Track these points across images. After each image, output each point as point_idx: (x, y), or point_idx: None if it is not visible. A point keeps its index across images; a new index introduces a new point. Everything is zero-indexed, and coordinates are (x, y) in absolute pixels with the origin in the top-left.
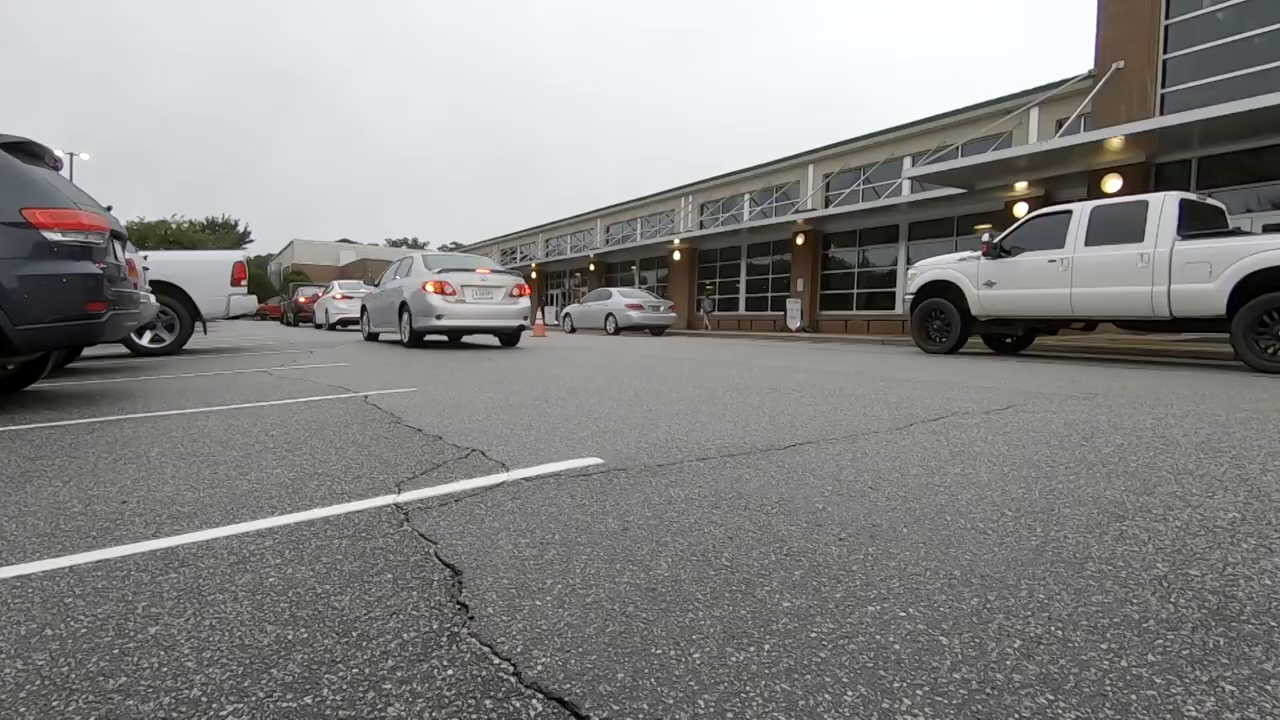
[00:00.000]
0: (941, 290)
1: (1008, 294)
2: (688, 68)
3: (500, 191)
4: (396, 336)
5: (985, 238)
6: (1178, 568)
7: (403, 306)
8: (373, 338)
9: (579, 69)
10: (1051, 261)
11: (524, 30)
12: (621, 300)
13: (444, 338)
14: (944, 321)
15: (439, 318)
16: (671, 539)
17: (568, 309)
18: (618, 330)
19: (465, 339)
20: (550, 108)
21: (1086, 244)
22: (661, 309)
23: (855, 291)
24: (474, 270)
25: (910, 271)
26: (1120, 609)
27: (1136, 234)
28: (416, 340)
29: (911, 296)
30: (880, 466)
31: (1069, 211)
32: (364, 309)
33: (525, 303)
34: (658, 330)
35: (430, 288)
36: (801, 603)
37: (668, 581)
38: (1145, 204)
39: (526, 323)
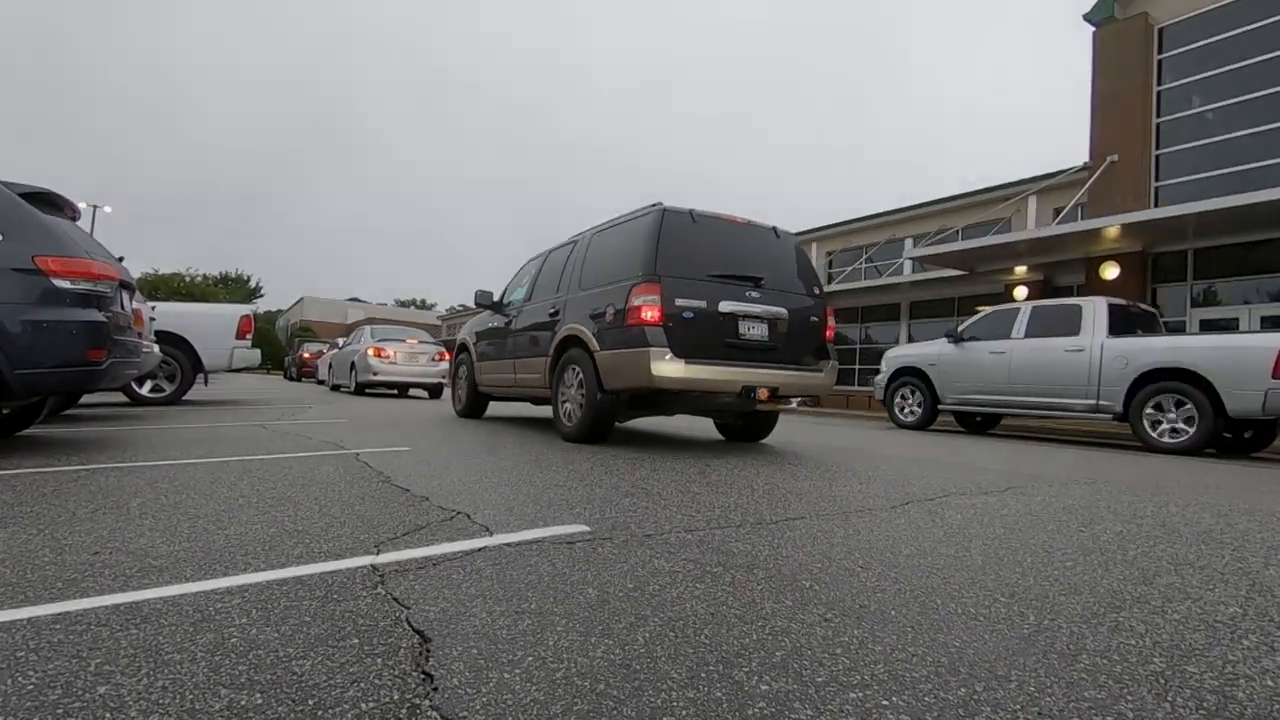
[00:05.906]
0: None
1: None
2: (746, 139)
3: (528, 254)
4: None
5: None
6: (1175, 664)
7: (352, 365)
8: (335, 389)
9: (643, 139)
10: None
11: (587, 96)
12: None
13: (394, 391)
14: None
15: (375, 374)
16: (651, 612)
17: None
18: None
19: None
20: (607, 176)
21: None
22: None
23: (857, 367)
24: (405, 340)
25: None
26: (1114, 705)
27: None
28: (359, 390)
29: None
30: (873, 544)
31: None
32: (329, 365)
33: (444, 365)
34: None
35: (371, 352)
36: (781, 686)
37: (643, 657)
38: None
39: (444, 380)
